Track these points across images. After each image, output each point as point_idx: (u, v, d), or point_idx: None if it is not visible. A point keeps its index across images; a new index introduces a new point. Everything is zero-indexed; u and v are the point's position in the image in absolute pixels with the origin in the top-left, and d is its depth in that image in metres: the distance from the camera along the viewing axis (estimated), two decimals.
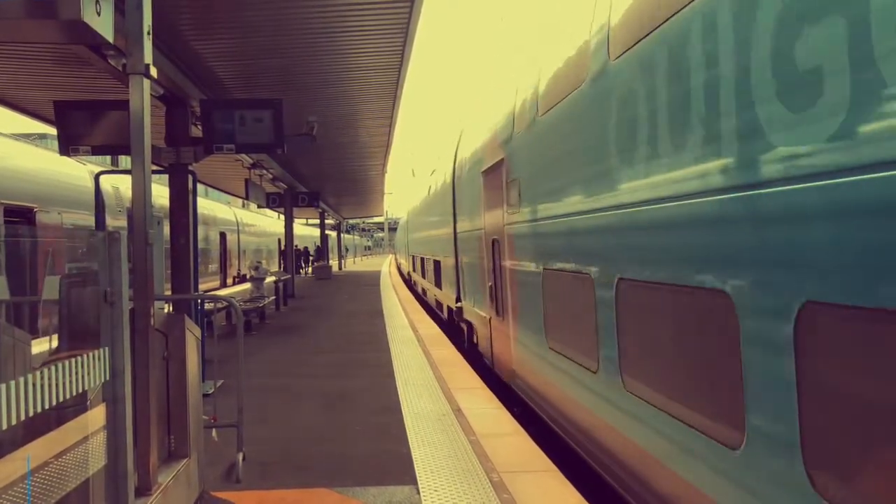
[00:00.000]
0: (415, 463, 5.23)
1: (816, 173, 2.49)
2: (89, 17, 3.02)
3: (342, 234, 53.89)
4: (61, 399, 2.53)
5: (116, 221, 14.73)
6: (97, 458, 3.06)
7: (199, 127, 8.85)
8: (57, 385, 2.49)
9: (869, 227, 2.25)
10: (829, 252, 2.44)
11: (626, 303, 4.40)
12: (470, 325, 11.57)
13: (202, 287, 21.48)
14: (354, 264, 60.45)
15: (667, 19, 3.62)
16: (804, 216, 2.57)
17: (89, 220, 12.65)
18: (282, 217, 27.35)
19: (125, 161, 14.91)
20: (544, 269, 6.46)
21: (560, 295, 6.07)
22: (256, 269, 17.82)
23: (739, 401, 2.98)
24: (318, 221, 38.69)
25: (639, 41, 3.99)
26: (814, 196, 2.51)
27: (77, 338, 3.19)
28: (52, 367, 2.50)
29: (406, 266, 36.19)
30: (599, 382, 4.93)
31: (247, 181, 16.18)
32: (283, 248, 32.73)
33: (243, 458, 5.22)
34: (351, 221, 70.79)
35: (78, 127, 8.01)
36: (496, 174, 8.44)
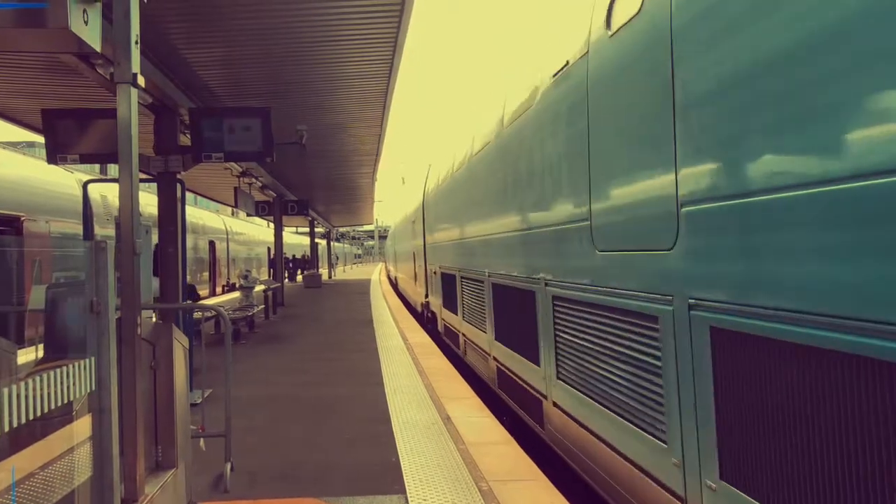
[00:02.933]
0: (403, 472, 5.22)
1: None
2: (77, 27, 3.02)
3: (332, 243, 53.77)
4: (46, 410, 2.52)
5: (105, 230, 14.65)
6: (83, 468, 3.04)
7: (188, 135, 8.84)
8: (42, 395, 2.48)
9: None
10: None
11: None
12: None
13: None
14: (344, 272, 60.32)
15: None
16: None
17: (77, 228, 12.58)
18: (272, 225, 27.26)
19: (113, 169, 14.85)
20: None
21: None
22: (245, 277, 17.75)
23: None
24: (307, 230, 38.60)
25: None
26: None
27: (63, 347, 3.17)
28: (38, 378, 2.49)
29: (415, 290, 20.43)
30: None
31: (236, 189, 16.13)
32: (272, 256, 32.51)
33: (231, 468, 5.20)
34: (341, 230, 70.66)
35: (66, 135, 7.99)
36: None
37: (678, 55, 3.37)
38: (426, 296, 16.25)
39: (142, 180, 4.77)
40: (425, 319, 16.50)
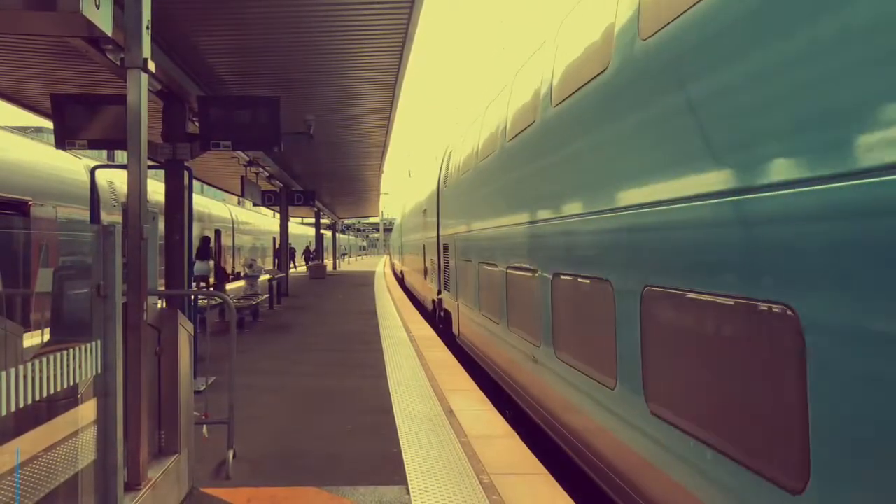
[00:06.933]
0: (405, 463, 5.23)
1: None
2: (88, 11, 3.02)
3: (337, 234, 53.82)
4: (52, 392, 2.53)
5: (111, 216, 14.69)
6: (87, 452, 3.05)
7: (197, 123, 8.84)
8: (48, 378, 2.49)
9: None
10: None
11: None
12: None
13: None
14: (349, 264, 60.39)
15: None
16: None
17: (84, 214, 12.60)
18: (277, 215, 27.24)
19: (121, 156, 14.87)
20: None
21: None
22: (251, 266, 17.79)
23: None
24: (313, 220, 38.62)
25: None
26: None
27: (69, 331, 3.18)
28: (43, 360, 2.49)
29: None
30: None
31: (243, 178, 16.15)
32: (277, 246, 32.54)
33: (234, 456, 5.22)
34: (346, 221, 70.71)
35: (75, 121, 7.99)
36: None
37: None
38: None
39: (149, 167, 4.77)
40: None
